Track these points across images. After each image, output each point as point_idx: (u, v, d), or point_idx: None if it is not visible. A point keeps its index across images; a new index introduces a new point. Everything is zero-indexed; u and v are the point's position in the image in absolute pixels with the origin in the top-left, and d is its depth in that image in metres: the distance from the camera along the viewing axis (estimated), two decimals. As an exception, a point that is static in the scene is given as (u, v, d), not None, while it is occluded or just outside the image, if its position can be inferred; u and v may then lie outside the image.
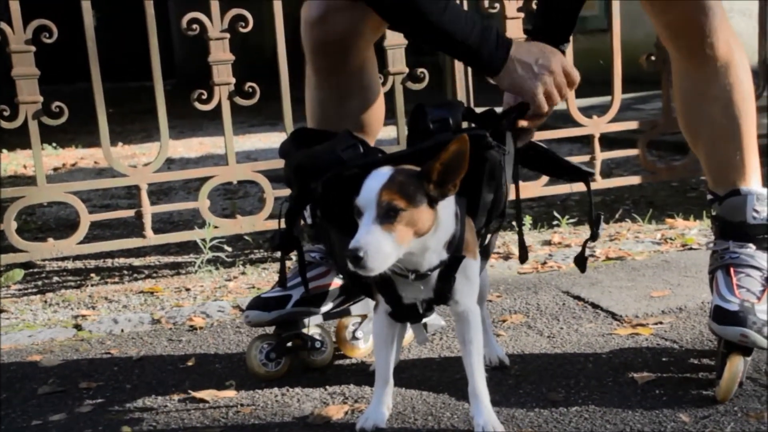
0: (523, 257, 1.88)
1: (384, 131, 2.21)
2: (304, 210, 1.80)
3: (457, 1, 1.75)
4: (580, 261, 1.83)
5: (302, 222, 1.82)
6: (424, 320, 2.00)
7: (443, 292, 1.59)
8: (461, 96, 3.14)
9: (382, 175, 1.48)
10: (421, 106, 1.68)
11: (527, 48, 1.72)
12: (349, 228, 1.53)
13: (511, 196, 1.78)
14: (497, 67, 1.70)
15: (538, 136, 2.91)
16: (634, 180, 3.46)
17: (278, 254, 1.82)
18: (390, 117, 2.48)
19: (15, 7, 2.66)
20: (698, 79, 1.84)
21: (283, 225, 1.70)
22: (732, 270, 1.79)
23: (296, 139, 1.79)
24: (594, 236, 1.80)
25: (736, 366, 1.68)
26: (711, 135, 1.86)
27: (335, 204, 1.58)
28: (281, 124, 2.98)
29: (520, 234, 1.89)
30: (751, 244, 1.81)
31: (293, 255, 1.80)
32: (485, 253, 1.79)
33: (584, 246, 1.83)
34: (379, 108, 2.04)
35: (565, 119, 3.36)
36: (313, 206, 1.76)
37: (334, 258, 1.80)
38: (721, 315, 1.72)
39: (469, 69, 3.14)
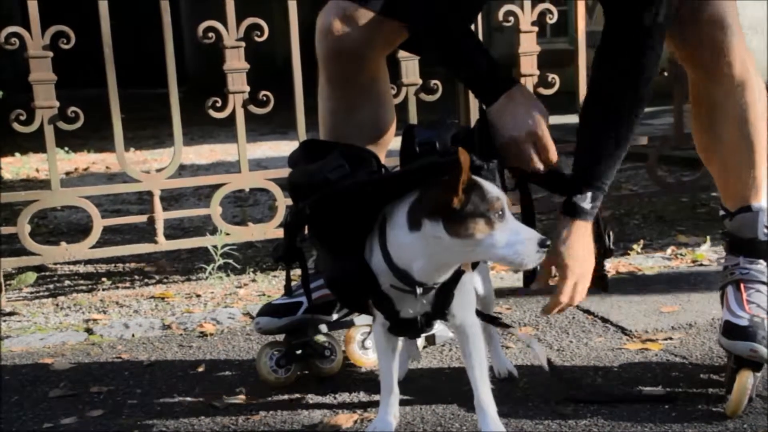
0: (526, 282, 1.81)
1: (395, 142, 2.21)
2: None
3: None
4: (601, 280, 1.80)
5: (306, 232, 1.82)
6: (433, 332, 2.00)
7: (441, 307, 1.58)
8: (473, 108, 3.15)
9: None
10: (411, 128, 1.68)
11: (529, 93, 1.71)
12: (338, 246, 1.54)
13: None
14: (505, 86, 1.68)
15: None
16: (644, 194, 3.47)
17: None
18: (402, 128, 2.48)
19: (33, 13, 2.68)
20: (714, 97, 1.84)
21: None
22: (742, 285, 1.80)
23: (305, 150, 1.80)
24: (608, 252, 1.79)
25: (746, 381, 1.69)
26: (724, 152, 1.87)
27: (324, 224, 1.59)
28: (291, 133, 2.99)
29: None
30: (761, 260, 1.82)
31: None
32: None
33: (602, 264, 1.79)
34: (390, 119, 2.04)
35: (576, 132, 3.35)
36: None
37: (323, 274, 1.76)
38: (730, 330, 1.73)
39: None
